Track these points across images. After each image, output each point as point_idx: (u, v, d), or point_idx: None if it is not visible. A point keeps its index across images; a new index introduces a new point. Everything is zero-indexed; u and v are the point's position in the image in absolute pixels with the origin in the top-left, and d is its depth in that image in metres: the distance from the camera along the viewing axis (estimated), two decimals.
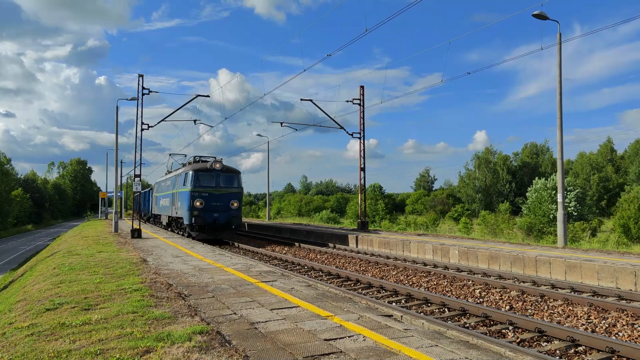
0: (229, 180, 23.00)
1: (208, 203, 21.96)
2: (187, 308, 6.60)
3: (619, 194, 60.30)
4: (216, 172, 22.64)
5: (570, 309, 9.16)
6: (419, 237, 20.61)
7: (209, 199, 22.04)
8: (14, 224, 63.07)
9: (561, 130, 17.23)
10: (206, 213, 21.86)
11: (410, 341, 5.21)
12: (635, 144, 78.50)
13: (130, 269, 10.44)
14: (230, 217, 22.42)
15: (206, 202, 21.90)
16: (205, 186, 22.20)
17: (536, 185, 48.28)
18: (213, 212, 22.03)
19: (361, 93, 26.55)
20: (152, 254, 14.24)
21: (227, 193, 22.62)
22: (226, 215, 22.35)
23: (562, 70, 17.19)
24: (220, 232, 22.45)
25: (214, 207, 22.07)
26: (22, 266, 23.29)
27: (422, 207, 78.30)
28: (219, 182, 22.55)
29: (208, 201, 21.96)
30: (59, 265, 11.72)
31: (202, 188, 22.08)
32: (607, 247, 20.51)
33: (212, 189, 22.29)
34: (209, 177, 22.51)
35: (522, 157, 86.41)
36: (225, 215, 22.31)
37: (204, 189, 22.10)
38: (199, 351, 4.67)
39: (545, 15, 16.58)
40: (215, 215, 22.02)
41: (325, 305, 7.00)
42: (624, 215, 27.95)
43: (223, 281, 9.07)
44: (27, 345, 5.04)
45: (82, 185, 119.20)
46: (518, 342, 6.92)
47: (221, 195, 22.41)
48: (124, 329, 5.49)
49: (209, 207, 21.96)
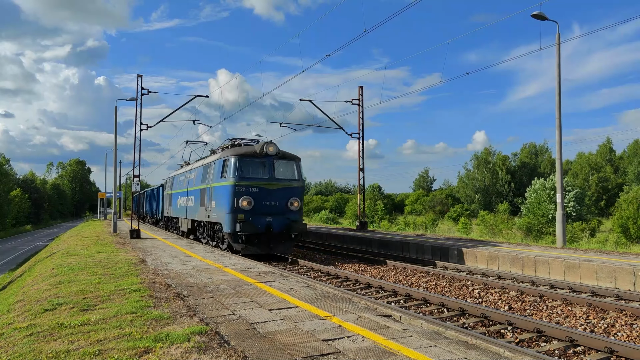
0: (286, 170, 16.54)
1: (258, 202, 15.50)
2: (185, 308, 6.59)
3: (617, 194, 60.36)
4: (268, 159, 16.01)
5: (569, 309, 9.16)
6: (418, 238, 20.61)
7: (260, 196, 15.57)
8: (13, 224, 63.00)
9: (560, 130, 17.24)
10: (256, 217, 15.36)
11: (409, 341, 5.21)
12: (634, 144, 78.69)
13: (129, 270, 10.43)
14: (290, 223, 15.91)
15: (256, 201, 15.43)
16: (254, 178, 15.70)
17: (535, 186, 48.33)
18: (265, 215, 15.58)
19: (360, 93, 26.56)
20: (151, 254, 14.23)
21: (285, 188, 16.07)
22: (284, 219, 15.86)
23: (561, 71, 17.21)
24: (275, 245, 15.90)
25: (266, 208, 15.65)
26: (21, 267, 23.28)
27: (421, 207, 78.36)
28: (273, 173, 15.97)
29: (258, 200, 15.51)
30: (58, 266, 11.71)
31: (250, 181, 15.57)
32: (606, 247, 20.54)
33: (264, 182, 15.75)
34: (259, 165, 16.03)
35: (521, 157, 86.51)
36: (282, 220, 15.82)
37: (252, 183, 15.58)
38: (198, 351, 4.67)
39: (544, 15, 16.60)
40: (269, 220, 15.54)
41: (324, 305, 7.00)
42: (623, 216, 27.99)
43: (222, 281, 9.06)
44: (25, 346, 5.03)
45: (81, 185, 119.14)
46: (517, 342, 6.93)
47: (276, 192, 15.89)
48: (122, 329, 5.48)
49: (259, 209, 15.51)
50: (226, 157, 16.23)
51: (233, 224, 15.16)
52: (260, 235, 15.56)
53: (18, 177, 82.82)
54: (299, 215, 16.34)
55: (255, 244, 15.57)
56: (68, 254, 14.86)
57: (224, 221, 15.67)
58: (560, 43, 17.17)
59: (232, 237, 15.50)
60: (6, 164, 72.68)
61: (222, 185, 16.04)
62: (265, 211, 15.61)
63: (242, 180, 15.45)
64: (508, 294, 10.61)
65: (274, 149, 16.14)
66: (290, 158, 16.74)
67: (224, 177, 16.01)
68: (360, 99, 26.48)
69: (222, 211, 15.84)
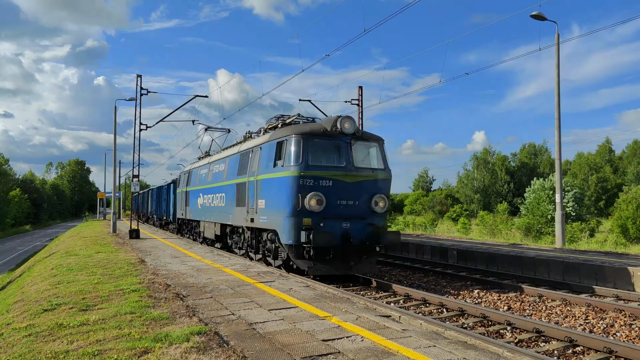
0: (368, 156, 11.93)
1: (332, 201, 10.97)
2: (185, 309, 6.59)
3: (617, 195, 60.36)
4: (344, 140, 11.38)
5: (568, 309, 9.17)
6: (417, 239, 20.62)
7: (334, 192, 11.01)
8: (12, 224, 62.94)
9: (559, 130, 17.26)
10: (328, 222, 10.90)
11: (408, 341, 5.21)
12: (633, 145, 78.76)
13: (129, 270, 10.43)
14: (374, 230, 11.29)
15: (328, 199, 10.89)
16: (326, 167, 11.13)
17: (534, 186, 48.32)
18: (341, 219, 11.08)
19: (360, 93, 26.58)
20: (151, 254, 14.23)
21: (368, 181, 11.41)
22: (366, 225, 11.26)
23: (560, 71, 17.23)
24: (356, 262, 11.18)
25: (342, 209, 11.12)
26: (20, 267, 23.26)
27: (420, 207, 78.29)
28: (352, 159, 11.33)
29: (331, 198, 10.97)
30: (57, 266, 11.71)
31: (321, 171, 10.99)
32: (605, 247, 20.55)
33: (339, 172, 11.13)
34: (331, 149, 11.44)
35: (521, 157, 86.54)
36: (363, 226, 11.23)
37: (324, 173, 10.99)
38: (197, 352, 4.67)
39: (543, 16, 16.62)
40: (345, 226, 11.06)
41: (324, 305, 7.00)
42: (622, 216, 27.98)
43: (221, 282, 9.06)
44: (24, 346, 5.03)
45: (81, 185, 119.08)
46: (516, 342, 6.93)
47: (356, 186, 11.25)
48: (121, 329, 5.48)
49: (333, 210, 11.01)
50: (282, 137, 11.37)
51: (297, 231, 10.56)
52: (335, 248, 10.75)
53: (17, 177, 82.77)
54: (385, 220, 11.65)
55: (328, 260, 10.75)
56: (67, 254, 14.85)
57: (282, 228, 10.93)
58: (559, 43, 17.19)
59: (295, 251, 10.75)
60: (5, 164, 72.64)
61: (278, 178, 11.25)
62: (341, 214, 10.98)
63: (309, 169, 10.72)
64: (507, 294, 10.61)
65: (351, 125, 11.32)
66: (373, 139, 11.95)
67: (279, 166, 11.23)
68: (359, 99, 26.50)
69: (278, 213, 11.13)
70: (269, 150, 11.87)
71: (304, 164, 10.78)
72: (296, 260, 10.93)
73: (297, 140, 11.02)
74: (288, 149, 11.12)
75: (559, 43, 17.16)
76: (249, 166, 13.15)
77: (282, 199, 11.04)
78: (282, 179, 11.12)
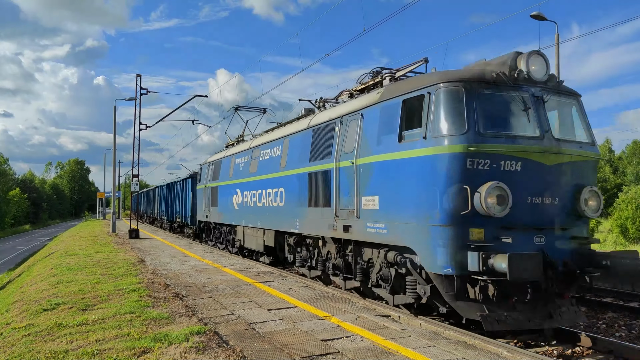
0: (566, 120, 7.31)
1: (521, 197, 6.17)
2: (184, 308, 6.59)
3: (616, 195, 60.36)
4: (534, 93, 6.60)
5: None
6: None
7: (524, 182, 6.22)
8: (12, 224, 62.93)
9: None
10: (514, 234, 6.11)
11: (407, 341, 5.21)
12: (633, 145, 78.66)
13: (128, 270, 10.43)
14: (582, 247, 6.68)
15: (515, 193, 6.06)
16: (510, 137, 6.32)
17: None
18: (534, 228, 6.28)
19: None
20: (150, 254, 14.22)
21: (576, 163, 6.68)
22: (569, 239, 6.58)
23: (560, 71, 17.22)
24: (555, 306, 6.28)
25: (535, 212, 6.30)
26: (20, 266, 23.25)
27: None
28: (547, 126, 6.54)
29: (521, 190, 6.17)
30: (57, 266, 11.70)
31: (502, 144, 6.20)
32: (604, 247, 20.57)
33: (533, 147, 6.33)
34: (514, 108, 6.54)
35: None
36: (565, 240, 6.55)
37: (508, 148, 6.19)
38: (197, 352, 4.66)
39: (543, 16, 16.62)
40: (539, 241, 6.30)
41: (323, 305, 7.00)
42: (622, 216, 27.94)
43: (221, 281, 9.06)
44: (24, 346, 5.02)
45: (80, 185, 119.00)
46: (515, 342, 6.92)
47: (557, 172, 6.46)
48: (121, 329, 5.48)
49: (523, 213, 6.19)
50: (417, 90, 6.89)
51: (459, 252, 6.07)
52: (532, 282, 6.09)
53: (17, 176, 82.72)
54: (588, 230, 7.23)
55: (516, 305, 6.09)
56: (67, 253, 14.84)
57: (424, 244, 6.45)
58: (559, 43, 17.20)
59: (458, 289, 6.07)
60: (5, 164, 72.64)
61: (412, 159, 6.71)
62: (534, 221, 6.36)
63: (482, 142, 6.17)
64: None
65: (541, 67, 6.72)
66: (570, 93, 7.32)
67: (414, 140, 6.75)
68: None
69: (412, 219, 6.66)
70: (385, 116, 7.42)
71: (472, 133, 6.16)
72: (455, 303, 6.16)
73: (453, 93, 6.42)
74: (434, 109, 6.49)
75: (558, 43, 17.17)
76: (335, 146, 8.71)
77: (422, 195, 6.51)
78: (422, 160, 6.54)
